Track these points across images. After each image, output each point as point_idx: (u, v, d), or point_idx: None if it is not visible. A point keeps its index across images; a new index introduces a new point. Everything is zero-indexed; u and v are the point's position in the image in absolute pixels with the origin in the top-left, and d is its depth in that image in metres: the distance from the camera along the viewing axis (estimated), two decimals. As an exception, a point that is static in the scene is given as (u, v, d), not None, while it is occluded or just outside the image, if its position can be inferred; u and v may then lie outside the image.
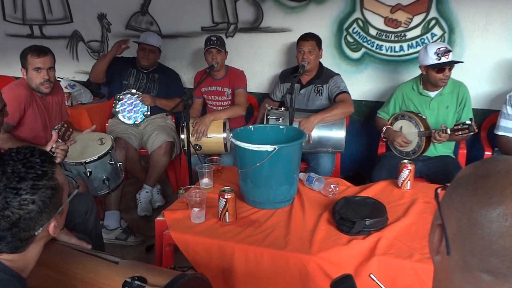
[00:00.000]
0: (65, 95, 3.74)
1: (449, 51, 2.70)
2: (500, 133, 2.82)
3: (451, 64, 2.72)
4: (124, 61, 3.70)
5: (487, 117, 3.20)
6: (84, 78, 4.32)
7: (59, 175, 1.14)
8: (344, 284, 1.02)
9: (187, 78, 4.06)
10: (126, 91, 3.52)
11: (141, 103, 3.54)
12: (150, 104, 3.53)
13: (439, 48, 2.69)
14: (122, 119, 3.53)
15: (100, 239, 2.52)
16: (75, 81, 4.14)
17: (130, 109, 3.54)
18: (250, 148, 2.02)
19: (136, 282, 1.30)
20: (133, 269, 1.39)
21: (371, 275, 0.93)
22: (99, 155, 2.57)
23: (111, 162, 2.68)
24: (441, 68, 2.72)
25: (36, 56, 2.59)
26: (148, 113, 3.55)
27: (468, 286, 0.66)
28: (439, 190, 0.78)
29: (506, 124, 2.79)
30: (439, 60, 2.69)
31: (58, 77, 4.00)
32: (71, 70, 4.43)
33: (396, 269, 1.70)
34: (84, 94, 3.99)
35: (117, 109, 3.53)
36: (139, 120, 3.55)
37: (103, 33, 4.25)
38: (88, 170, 2.59)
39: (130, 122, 3.55)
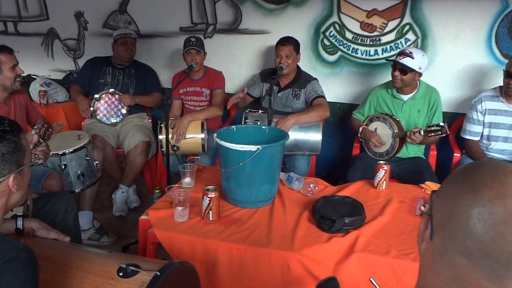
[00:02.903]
0: (41, 93, 3.71)
1: (409, 55, 2.80)
2: (466, 136, 2.98)
3: (395, 63, 2.85)
4: (98, 60, 3.68)
5: (455, 120, 3.34)
6: (60, 76, 4.26)
7: (23, 140, 1.30)
8: (328, 286, 1.06)
9: (164, 78, 4.05)
10: (104, 91, 3.49)
11: (120, 104, 3.52)
12: (129, 103, 3.53)
13: (404, 50, 2.85)
14: (101, 120, 3.50)
15: (79, 237, 2.51)
16: (50, 79, 4.07)
17: (109, 109, 3.52)
18: (234, 148, 2.06)
19: (130, 267, 1.34)
20: (127, 258, 1.44)
21: (371, 279, 0.98)
22: (75, 147, 2.65)
23: (87, 158, 2.70)
24: (394, 65, 2.88)
25: (9, 53, 2.62)
26: (127, 113, 3.54)
27: (446, 271, 0.71)
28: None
29: (471, 128, 2.95)
30: (395, 57, 2.87)
31: (34, 75, 3.95)
32: (46, 68, 4.36)
33: (374, 265, 1.77)
34: (60, 92, 3.93)
35: (95, 108, 3.50)
36: (118, 120, 3.54)
37: (79, 31, 4.20)
38: (63, 162, 2.64)
39: (108, 122, 3.53)
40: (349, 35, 3.50)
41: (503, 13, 3.13)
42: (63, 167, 2.64)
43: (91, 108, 3.49)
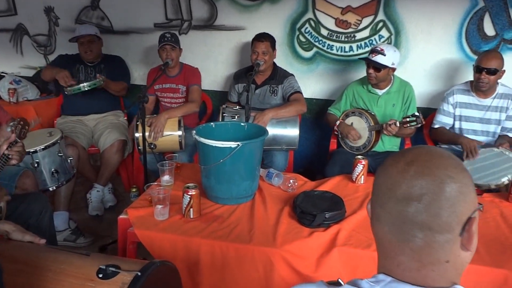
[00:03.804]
0: (10, 91, 3.60)
1: (380, 52, 2.87)
2: (436, 126, 3.07)
3: (368, 61, 2.93)
4: (70, 58, 3.58)
5: (428, 115, 3.40)
6: (30, 73, 4.13)
7: None
8: None
9: (139, 75, 4.00)
10: (75, 87, 3.19)
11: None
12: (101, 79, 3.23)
13: (376, 47, 2.92)
14: (82, 87, 3.13)
15: (54, 240, 2.46)
16: (20, 76, 3.95)
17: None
18: (213, 145, 2.04)
19: (110, 268, 1.32)
20: (106, 260, 1.41)
21: (339, 280, 0.97)
22: (46, 144, 2.58)
23: (60, 154, 2.65)
24: (367, 63, 2.95)
25: None
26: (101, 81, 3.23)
27: (375, 236, 0.83)
28: None
29: (442, 119, 3.05)
30: (368, 55, 2.95)
31: (2, 72, 3.83)
32: (15, 65, 4.22)
33: (356, 258, 1.80)
34: (30, 90, 3.82)
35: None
36: (96, 82, 3.19)
37: (50, 27, 4.09)
38: (35, 160, 2.57)
39: (87, 86, 3.15)
40: (324, 32, 3.53)
41: (472, 10, 3.22)
42: (35, 165, 2.57)
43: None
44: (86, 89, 3.15)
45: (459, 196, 0.74)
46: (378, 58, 2.87)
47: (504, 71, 2.81)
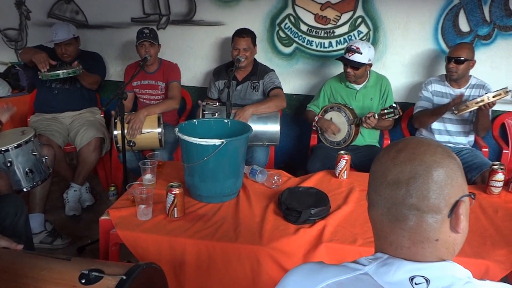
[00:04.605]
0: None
1: (356, 51, 2.90)
2: (417, 110, 3.11)
3: (346, 61, 2.95)
4: (46, 51, 3.45)
5: (406, 110, 3.45)
6: (1, 69, 3.98)
7: None
8: None
9: (116, 71, 3.91)
10: (53, 73, 3.03)
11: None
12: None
13: (351, 45, 2.94)
14: (58, 74, 3.01)
15: (31, 242, 2.38)
16: (-11, 72, 3.81)
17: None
18: (197, 143, 2.01)
19: (93, 273, 1.27)
20: (88, 264, 1.36)
21: None
22: (18, 142, 2.49)
23: (34, 153, 2.56)
24: (344, 62, 2.98)
25: None
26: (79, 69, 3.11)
27: (372, 213, 0.89)
28: None
29: (424, 104, 3.09)
30: (344, 54, 2.97)
31: (-29, 68, 3.67)
32: (-16, 61, 4.07)
33: (342, 254, 1.79)
34: (1, 86, 3.66)
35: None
36: (72, 70, 3.06)
37: (21, 21, 3.94)
38: (8, 160, 2.48)
39: (64, 74, 3.04)
40: (304, 28, 3.52)
41: (448, 7, 3.28)
42: (8, 165, 2.48)
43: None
44: (63, 76, 3.04)
45: (446, 180, 0.80)
46: (356, 57, 2.91)
47: (475, 61, 2.92)
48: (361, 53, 2.89)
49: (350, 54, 2.92)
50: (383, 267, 0.81)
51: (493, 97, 2.55)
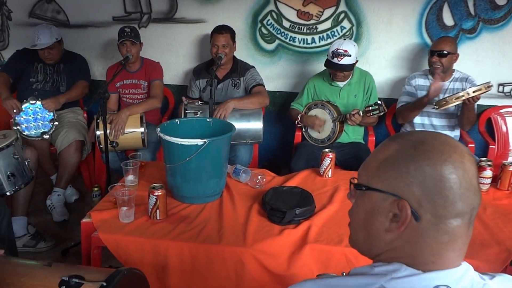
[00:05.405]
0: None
1: (345, 54, 2.86)
2: (400, 105, 3.12)
3: (338, 68, 2.92)
4: (28, 54, 3.36)
5: (390, 106, 3.45)
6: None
7: None
8: None
9: (98, 71, 3.85)
10: (25, 102, 3.08)
11: (44, 110, 3.13)
12: (55, 107, 3.15)
13: (337, 49, 2.88)
14: (27, 133, 3.11)
15: (14, 246, 2.36)
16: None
17: (34, 119, 3.13)
18: (179, 143, 1.98)
19: (73, 280, 1.25)
20: (69, 270, 1.34)
21: None
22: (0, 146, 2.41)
23: (15, 157, 2.50)
24: (333, 68, 2.95)
25: None
26: (55, 121, 3.16)
27: (442, 237, 0.75)
28: (353, 180, 0.87)
29: (407, 99, 3.10)
30: (332, 59, 2.91)
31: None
32: (-36, 63, 3.97)
33: (328, 255, 1.78)
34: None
35: (17, 121, 3.08)
36: (47, 130, 3.16)
37: (2, 22, 3.84)
38: None
39: (37, 134, 3.13)
40: (286, 24, 3.50)
41: (432, 1, 3.28)
42: None
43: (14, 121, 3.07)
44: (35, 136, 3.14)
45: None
46: (346, 61, 2.88)
47: (458, 55, 2.93)
48: (350, 55, 2.87)
49: (340, 59, 2.87)
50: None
51: (474, 92, 2.56)
